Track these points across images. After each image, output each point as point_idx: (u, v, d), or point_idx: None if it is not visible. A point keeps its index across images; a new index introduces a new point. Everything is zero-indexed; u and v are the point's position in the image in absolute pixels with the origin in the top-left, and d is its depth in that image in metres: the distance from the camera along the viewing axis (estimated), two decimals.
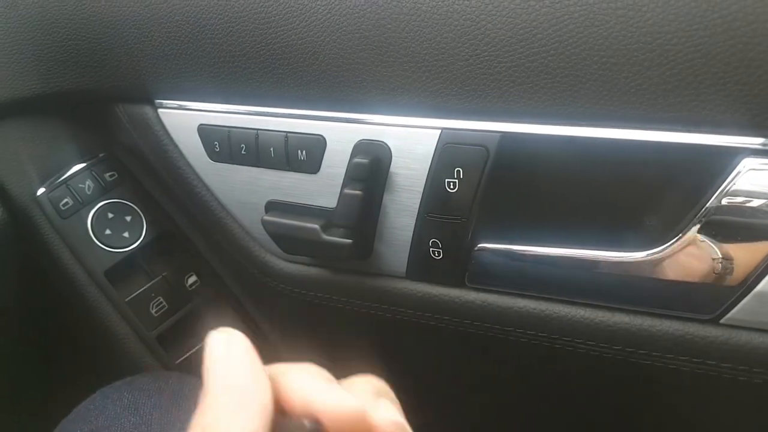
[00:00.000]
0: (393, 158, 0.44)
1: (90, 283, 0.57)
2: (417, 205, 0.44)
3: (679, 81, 0.34)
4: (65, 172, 0.57)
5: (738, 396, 0.43)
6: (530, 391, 0.56)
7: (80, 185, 0.57)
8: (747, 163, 0.35)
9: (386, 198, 0.45)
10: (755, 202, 0.35)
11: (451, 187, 0.42)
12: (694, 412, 0.48)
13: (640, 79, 0.35)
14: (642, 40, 0.34)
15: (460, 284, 0.46)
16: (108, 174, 0.58)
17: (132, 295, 0.57)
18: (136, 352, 0.58)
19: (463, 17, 0.38)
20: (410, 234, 0.46)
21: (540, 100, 0.37)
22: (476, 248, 0.44)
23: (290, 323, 0.64)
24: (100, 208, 0.57)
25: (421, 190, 0.44)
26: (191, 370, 0.59)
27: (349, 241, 0.46)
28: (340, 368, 0.68)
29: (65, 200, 0.56)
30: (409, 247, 0.46)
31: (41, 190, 0.56)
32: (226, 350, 0.26)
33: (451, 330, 0.48)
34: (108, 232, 0.57)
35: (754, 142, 0.35)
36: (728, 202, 0.36)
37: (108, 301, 0.57)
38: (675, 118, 0.35)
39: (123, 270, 0.57)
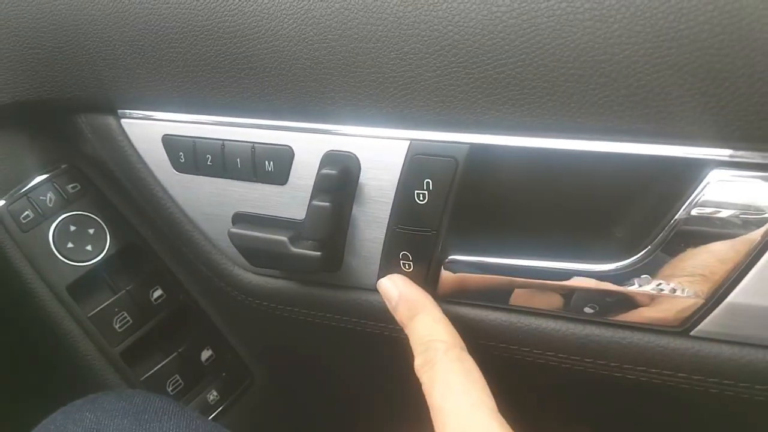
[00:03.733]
0: (362, 169, 0.43)
1: (51, 298, 0.55)
2: (387, 217, 0.44)
3: (646, 93, 0.34)
4: (26, 184, 0.55)
5: (710, 408, 0.43)
6: (500, 404, 0.55)
7: (41, 197, 0.55)
8: (715, 174, 0.35)
9: (356, 210, 0.45)
10: (724, 214, 0.35)
11: (421, 198, 0.42)
12: (667, 426, 0.48)
13: (608, 90, 0.34)
14: (609, 52, 0.34)
15: (431, 297, 0.46)
16: (70, 186, 0.56)
17: (95, 310, 0.55)
18: (100, 369, 0.56)
19: (431, 28, 0.37)
20: (380, 246, 0.45)
21: (508, 111, 0.37)
22: (447, 260, 0.44)
23: (259, 337, 0.63)
24: (62, 220, 0.55)
25: (391, 201, 0.43)
26: (157, 386, 0.57)
27: (318, 253, 0.45)
28: (310, 380, 0.67)
29: (26, 213, 0.54)
30: (379, 260, 0.46)
31: (0, 203, 0.54)
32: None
33: None
34: (70, 245, 0.55)
35: (722, 153, 0.34)
36: (697, 214, 0.36)
37: (70, 317, 0.55)
38: (643, 130, 0.35)
39: (86, 284, 0.56)
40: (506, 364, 0.46)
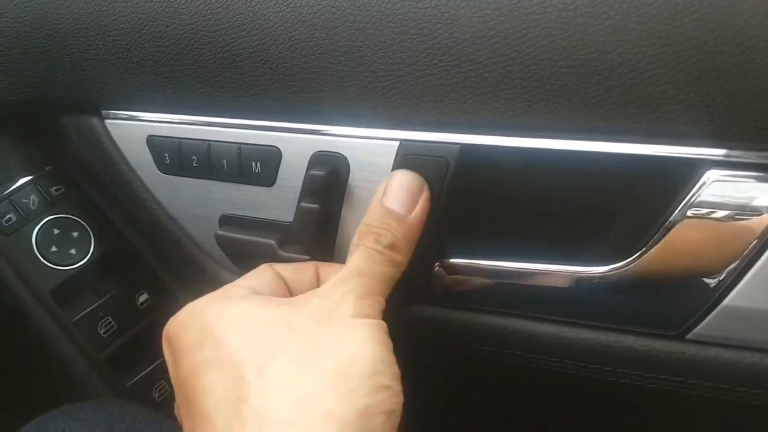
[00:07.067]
0: (351, 170, 0.42)
1: (34, 302, 0.54)
2: None
3: (640, 91, 0.33)
4: (9, 187, 0.54)
5: (706, 413, 0.42)
6: (493, 408, 0.55)
7: (24, 200, 0.54)
8: (711, 174, 0.34)
9: (345, 212, 0.44)
10: (720, 214, 0.34)
11: None
12: (664, 430, 0.47)
13: (601, 89, 0.33)
14: (601, 49, 0.33)
15: (421, 300, 0.45)
16: (54, 188, 0.55)
17: (79, 315, 0.54)
18: (84, 375, 0.55)
19: (419, 26, 0.36)
20: None
21: (499, 111, 0.36)
22: (437, 263, 0.43)
23: None
24: (45, 223, 0.54)
25: None
26: (143, 392, 0.56)
27: (307, 257, 0.44)
28: None
29: (8, 216, 0.53)
30: None
31: None
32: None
33: (412, 346, 0.47)
34: (54, 248, 0.54)
35: (718, 153, 0.34)
36: (693, 215, 0.35)
37: (54, 322, 0.54)
38: (637, 130, 0.34)
39: (70, 288, 0.54)
40: (500, 367, 0.45)
